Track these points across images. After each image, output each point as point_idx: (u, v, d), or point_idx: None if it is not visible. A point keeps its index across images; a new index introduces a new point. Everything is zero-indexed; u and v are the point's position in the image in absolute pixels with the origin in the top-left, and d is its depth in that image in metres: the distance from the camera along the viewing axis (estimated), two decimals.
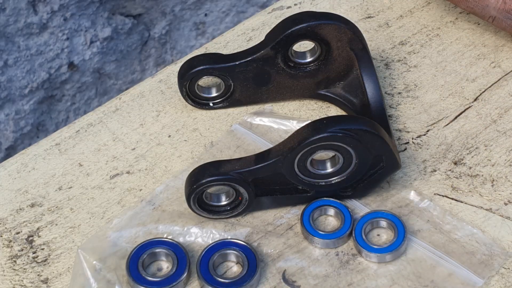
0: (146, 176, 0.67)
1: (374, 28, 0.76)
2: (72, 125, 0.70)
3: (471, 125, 0.68)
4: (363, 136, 0.59)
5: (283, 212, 0.64)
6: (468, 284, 0.59)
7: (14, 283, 0.61)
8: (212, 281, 0.59)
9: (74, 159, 0.68)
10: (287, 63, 0.68)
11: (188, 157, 0.68)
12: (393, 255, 0.60)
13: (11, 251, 0.63)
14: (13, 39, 1.11)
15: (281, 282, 0.60)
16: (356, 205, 0.64)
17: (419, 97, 0.71)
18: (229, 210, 0.63)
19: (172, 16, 1.23)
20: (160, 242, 0.61)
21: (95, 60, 1.19)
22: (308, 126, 0.60)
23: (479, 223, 0.62)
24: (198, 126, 0.70)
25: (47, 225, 0.64)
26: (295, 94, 0.70)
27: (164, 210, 0.64)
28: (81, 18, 1.15)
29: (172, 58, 1.27)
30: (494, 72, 0.72)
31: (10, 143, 1.17)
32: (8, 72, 1.12)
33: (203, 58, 0.69)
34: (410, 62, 0.73)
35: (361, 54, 0.67)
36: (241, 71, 0.68)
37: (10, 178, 0.67)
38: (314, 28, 0.66)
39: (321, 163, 0.62)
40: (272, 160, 0.60)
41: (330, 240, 0.61)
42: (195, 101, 0.70)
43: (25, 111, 1.16)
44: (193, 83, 0.69)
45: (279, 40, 0.67)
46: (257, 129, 0.69)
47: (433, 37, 0.75)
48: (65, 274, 0.61)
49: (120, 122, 0.70)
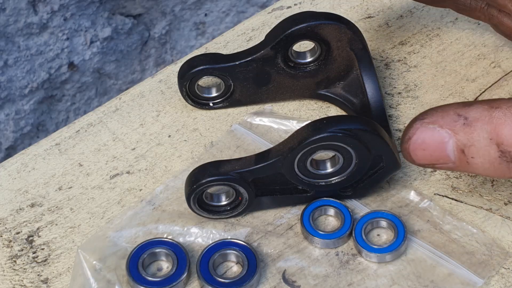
0: (146, 176, 0.67)
1: (374, 28, 0.76)
2: (72, 125, 0.70)
3: None
4: (363, 136, 0.59)
5: (283, 212, 0.64)
6: (468, 284, 0.59)
7: (14, 283, 0.61)
8: (212, 281, 0.59)
9: (74, 159, 0.68)
10: (287, 63, 0.68)
11: (188, 157, 0.68)
12: (393, 255, 0.60)
13: (11, 251, 0.63)
14: (13, 39, 1.11)
15: (281, 282, 0.60)
16: (356, 205, 0.64)
17: (419, 97, 0.71)
18: (229, 210, 0.63)
19: (172, 16, 1.23)
20: (160, 242, 0.61)
21: (95, 60, 1.19)
22: (308, 126, 0.60)
23: (479, 223, 0.62)
24: (198, 126, 0.70)
25: (47, 225, 0.64)
26: (295, 94, 0.70)
27: (164, 210, 0.64)
28: (81, 18, 1.15)
29: (172, 58, 1.27)
30: (494, 72, 0.72)
31: (10, 143, 1.17)
32: (8, 72, 1.12)
33: (203, 58, 0.69)
34: (410, 62, 0.73)
35: (361, 54, 0.67)
36: (241, 71, 0.68)
37: (10, 178, 0.67)
38: (314, 28, 0.66)
39: (321, 163, 0.62)
40: (272, 160, 0.60)
41: (330, 240, 0.61)
42: (195, 101, 0.70)
43: (25, 111, 1.16)
44: (193, 83, 0.69)
45: (279, 40, 0.67)
46: (257, 129, 0.69)
47: (433, 37, 0.75)
48: (65, 274, 0.61)
49: (120, 122, 0.70)
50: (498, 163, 0.53)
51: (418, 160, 0.55)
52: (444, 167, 0.55)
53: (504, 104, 0.53)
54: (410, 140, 0.55)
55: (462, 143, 0.53)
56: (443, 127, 0.54)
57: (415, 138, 0.54)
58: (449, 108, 0.54)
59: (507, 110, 0.52)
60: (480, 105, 0.53)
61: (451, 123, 0.53)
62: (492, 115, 0.53)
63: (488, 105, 0.53)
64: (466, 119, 0.53)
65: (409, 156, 0.55)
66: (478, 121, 0.53)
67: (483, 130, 0.53)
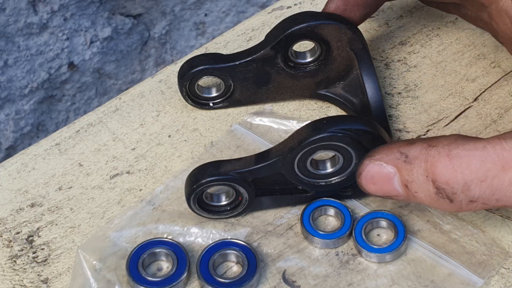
0: (146, 176, 0.67)
1: (374, 28, 0.76)
2: (72, 125, 0.70)
3: (471, 125, 0.68)
4: (363, 136, 0.59)
5: (283, 212, 0.64)
6: (468, 284, 0.59)
7: (14, 283, 0.61)
8: (212, 281, 0.59)
9: (74, 159, 0.68)
10: (287, 63, 0.68)
11: (188, 157, 0.68)
12: (393, 255, 0.60)
13: (11, 251, 0.63)
14: (13, 39, 1.11)
15: (281, 282, 0.60)
16: (356, 205, 0.64)
17: (419, 97, 0.71)
18: (229, 210, 0.63)
19: (172, 16, 1.23)
20: (160, 242, 0.61)
21: (95, 60, 1.19)
22: (308, 126, 0.60)
23: (479, 223, 0.62)
24: (198, 126, 0.70)
25: (47, 225, 0.64)
26: (295, 94, 0.70)
27: (164, 210, 0.64)
28: (81, 18, 1.15)
29: (172, 58, 1.27)
30: (494, 72, 0.72)
31: (10, 143, 1.17)
32: (8, 72, 1.12)
33: (203, 58, 0.69)
34: (410, 62, 0.73)
35: (361, 54, 0.67)
36: (241, 71, 0.68)
37: (10, 178, 0.67)
38: (314, 28, 0.66)
39: (321, 163, 0.62)
40: (272, 160, 0.60)
41: (330, 240, 0.61)
42: (195, 101, 0.70)
43: (25, 111, 1.16)
44: (193, 83, 0.69)
45: (279, 40, 0.67)
46: (257, 129, 0.69)
47: (433, 37, 0.75)
48: (65, 274, 0.61)
49: (120, 122, 0.70)
50: (436, 199, 0.57)
51: (371, 192, 0.59)
52: (398, 199, 0.59)
53: (441, 143, 0.56)
54: (361, 175, 0.59)
55: (405, 179, 0.57)
56: (388, 163, 0.58)
57: (364, 173, 0.59)
58: (394, 146, 0.58)
59: (441, 148, 0.56)
60: (420, 144, 0.57)
61: (394, 160, 0.57)
62: (428, 153, 0.56)
63: (427, 143, 0.57)
64: (407, 157, 0.57)
65: (363, 189, 0.60)
66: (416, 159, 0.56)
67: (420, 167, 0.56)
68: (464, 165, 0.55)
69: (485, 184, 0.55)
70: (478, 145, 0.55)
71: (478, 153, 0.55)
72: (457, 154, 0.55)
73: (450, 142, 0.56)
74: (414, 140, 0.58)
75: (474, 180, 0.55)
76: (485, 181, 0.55)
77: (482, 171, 0.55)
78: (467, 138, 0.56)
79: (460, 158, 0.55)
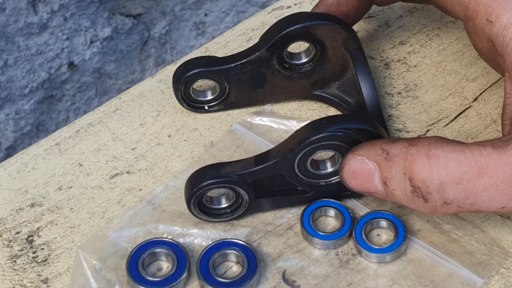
0: (146, 176, 0.67)
1: (374, 28, 0.76)
2: (72, 125, 0.70)
3: (471, 125, 0.68)
4: (363, 135, 0.59)
5: (283, 212, 0.64)
6: (468, 284, 0.59)
7: (14, 283, 0.61)
8: (212, 281, 0.59)
9: (74, 159, 0.68)
10: (282, 65, 0.68)
11: (188, 157, 0.68)
12: (393, 255, 0.60)
13: (11, 251, 0.63)
14: (13, 39, 1.11)
15: (281, 282, 0.60)
16: (356, 205, 0.64)
17: (419, 97, 0.71)
18: (230, 212, 0.63)
19: (172, 16, 1.23)
20: (160, 242, 0.61)
21: (95, 60, 1.19)
22: (308, 126, 0.60)
23: (479, 223, 0.62)
24: (198, 126, 0.70)
25: (47, 225, 0.64)
26: (290, 95, 0.70)
27: (164, 210, 0.64)
28: (81, 18, 1.15)
29: (172, 58, 1.27)
30: (494, 72, 0.72)
31: (10, 143, 1.17)
32: (8, 72, 1.12)
33: (198, 61, 0.68)
34: (410, 62, 0.73)
35: (356, 54, 0.67)
36: (236, 74, 0.68)
37: (10, 178, 0.67)
38: (309, 28, 0.66)
39: (321, 163, 0.62)
40: (272, 161, 0.60)
41: (330, 241, 0.61)
42: (190, 105, 0.70)
43: (25, 111, 1.16)
44: (188, 86, 0.69)
45: (274, 41, 0.66)
46: (257, 129, 0.69)
47: (433, 37, 0.75)
48: (65, 274, 0.61)
49: (120, 122, 0.70)
50: (412, 197, 0.57)
51: (353, 187, 0.60)
52: (377, 196, 0.59)
53: (421, 142, 0.57)
54: (343, 169, 0.60)
55: (384, 176, 0.58)
56: (370, 159, 0.58)
57: (347, 167, 0.59)
58: (377, 143, 0.59)
59: (421, 148, 0.56)
60: (402, 142, 0.58)
61: (376, 156, 0.58)
62: (408, 152, 0.57)
63: (408, 142, 0.57)
64: (388, 153, 0.58)
65: (345, 183, 0.60)
66: (396, 156, 0.57)
67: (399, 165, 0.57)
68: (441, 165, 0.56)
69: (460, 187, 0.56)
70: (457, 148, 0.56)
71: (456, 156, 0.56)
72: (435, 154, 0.56)
73: (431, 143, 0.57)
74: (397, 139, 0.58)
75: (449, 182, 0.56)
76: (460, 184, 0.56)
77: (458, 174, 0.55)
78: (448, 141, 0.57)
79: (438, 159, 0.56)
